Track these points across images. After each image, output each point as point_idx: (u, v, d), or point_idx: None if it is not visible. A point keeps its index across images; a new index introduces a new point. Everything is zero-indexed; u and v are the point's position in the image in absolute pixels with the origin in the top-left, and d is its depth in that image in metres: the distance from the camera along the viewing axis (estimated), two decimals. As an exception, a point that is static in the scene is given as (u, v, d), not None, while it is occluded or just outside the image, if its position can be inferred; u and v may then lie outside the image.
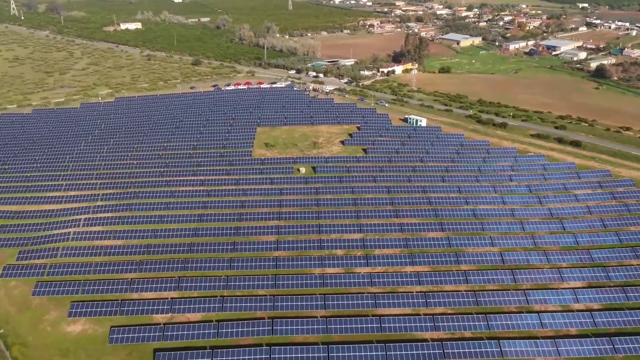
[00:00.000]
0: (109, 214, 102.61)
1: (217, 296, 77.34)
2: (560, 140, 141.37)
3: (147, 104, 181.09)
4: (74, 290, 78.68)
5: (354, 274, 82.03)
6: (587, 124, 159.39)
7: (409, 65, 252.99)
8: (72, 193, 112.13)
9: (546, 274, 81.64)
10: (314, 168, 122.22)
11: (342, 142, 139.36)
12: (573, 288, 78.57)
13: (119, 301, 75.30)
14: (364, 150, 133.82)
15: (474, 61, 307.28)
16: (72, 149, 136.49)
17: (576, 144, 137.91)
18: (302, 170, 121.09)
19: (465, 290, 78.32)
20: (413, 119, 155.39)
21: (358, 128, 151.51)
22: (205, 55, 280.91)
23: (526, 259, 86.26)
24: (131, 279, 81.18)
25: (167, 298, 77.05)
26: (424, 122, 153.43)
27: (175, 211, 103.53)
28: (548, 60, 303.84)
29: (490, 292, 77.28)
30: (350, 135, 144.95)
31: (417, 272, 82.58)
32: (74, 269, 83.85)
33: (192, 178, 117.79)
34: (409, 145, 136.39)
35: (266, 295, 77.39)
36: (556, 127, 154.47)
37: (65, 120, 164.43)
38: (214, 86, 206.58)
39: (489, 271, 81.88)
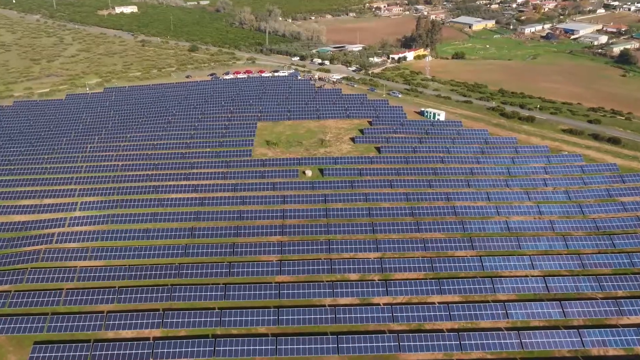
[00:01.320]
0: (88, 227, 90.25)
1: (208, 336, 65.11)
2: (596, 137, 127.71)
3: (138, 95, 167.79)
4: (38, 328, 66.48)
5: (372, 307, 69.51)
6: (622, 118, 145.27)
7: (421, 51, 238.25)
8: (48, 201, 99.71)
9: (601, 307, 68.90)
10: (321, 171, 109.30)
11: (353, 140, 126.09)
12: (636, 326, 65.86)
13: (91, 343, 63.04)
14: (377, 149, 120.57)
15: (488, 46, 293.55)
16: (52, 148, 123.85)
17: (615, 141, 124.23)
18: (308, 173, 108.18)
19: (506, 329, 65.87)
20: (430, 112, 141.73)
21: (369, 123, 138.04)
22: (203, 41, 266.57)
23: (575, 286, 73.47)
24: (107, 312, 69.02)
25: (149, 338, 64.85)
26: (442, 116, 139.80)
27: (164, 224, 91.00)
28: (567, 44, 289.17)
29: (536, 331, 64.67)
30: (361, 131, 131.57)
31: (447, 302, 70.13)
32: (41, 299, 71.65)
33: (184, 183, 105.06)
34: (428, 143, 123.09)
35: (267, 335, 65.09)
36: (589, 121, 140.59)
37: (48, 114, 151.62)
38: (211, 75, 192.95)
39: (532, 303, 69.20)
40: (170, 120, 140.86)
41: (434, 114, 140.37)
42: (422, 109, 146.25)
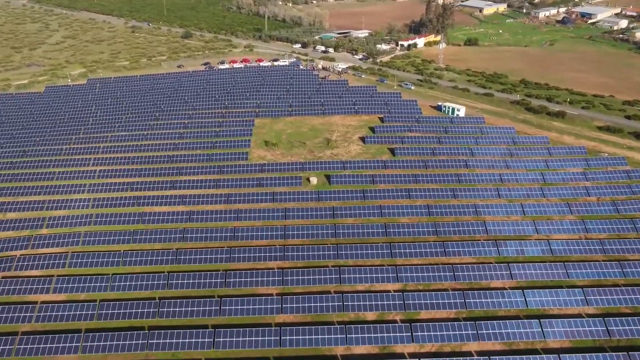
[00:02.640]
0: (54, 250, 77.25)
1: (191, 402, 52.43)
2: (638, 136, 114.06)
3: (124, 88, 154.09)
4: (-20, 389, 53.79)
5: (394, 358, 56.71)
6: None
7: (432, 37, 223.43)
8: (11, 216, 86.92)
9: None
10: (328, 177, 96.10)
11: (363, 139, 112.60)
12: None
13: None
14: (391, 150, 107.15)
15: (501, 31, 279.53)
16: (22, 150, 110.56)
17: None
18: (314, 180, 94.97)
19: (565, 391, 53.05)
20: (448, 107, 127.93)
21: (381, 119, 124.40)
22: (197, 27, 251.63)
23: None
24: (69, 366, 56.30)
25: (117, 405, 52.14)
26: (462, 111, 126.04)
27: (144, 245, 78.06)
28: (585, 29, 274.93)
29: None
30: (372, 129, 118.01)
31: (487, 353, 57.47)
32: (-12, 347, 58.83)
33: (170, 194, 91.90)
34: (448, 143, 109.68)
35: (266, 400, 52.38)
36: (627, 117, 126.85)
37: (24, 109, 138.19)
38: (205, 64, 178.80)
39: (592, 354, 56.34)
40: (157, 117, 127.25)
41: (453, 109, 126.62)
42: (439, 104, 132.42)
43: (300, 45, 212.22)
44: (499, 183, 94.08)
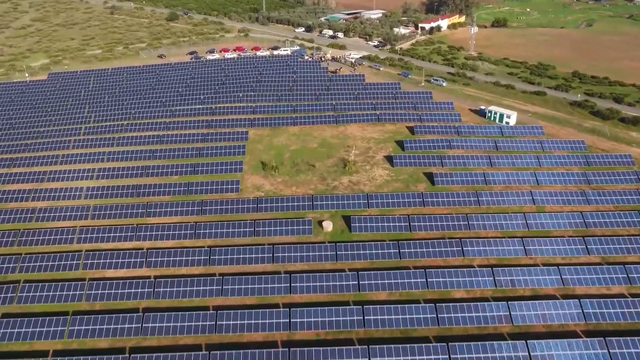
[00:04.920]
0: None
1: None
2: None
3: (90, 85, 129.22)
4: None
5: None
6: None
7: (455, 18, 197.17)
8: None
9: None
10: (347, 219, 72.02)
11: (389, 159, 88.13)
12: None
13: None
14: (429, 176, 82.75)
15: (528, 9, 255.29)
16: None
17: None
18: (328, 227, 70.87)
19: None
20: (495, 113, 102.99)
21: (410, 130, 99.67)
22: (186, 7, 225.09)
23: None
24: None
25: None
26: (513, 119, 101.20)
27: (83, 341, 54.14)
28: (622, 7, 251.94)
29: None
30: (400, 144, 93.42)
31: None
32: None
33: (129, 248, 67.79)
34: (503, 167, 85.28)
35: None
36: None
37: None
38: (191, 54, 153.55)
39: None
40: (124, 127, 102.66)
41: (501, 116, 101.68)
42: (482, 107, 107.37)
43: (303, 29, 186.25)
44: (584, 232, 69.77)
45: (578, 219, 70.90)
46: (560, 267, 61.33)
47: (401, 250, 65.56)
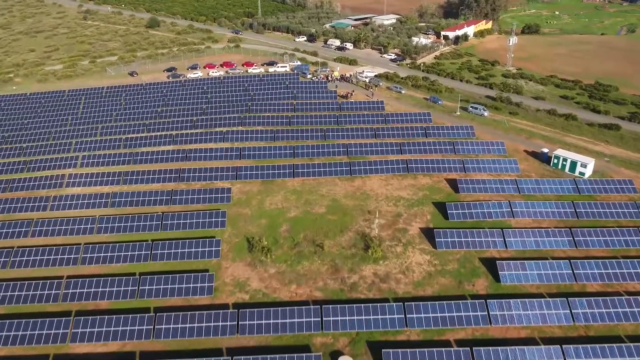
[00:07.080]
0: None
1: None
2: None
3: (35, 115, 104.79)
4: None
5: None
6: None
7: (482, 24, 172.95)
8: None
9: None
10: (377, 352, 47.07)
11: (430, 236, 63.16)
12: None
13: None
14: (488, 264, 57.91)
15: (557, 12, 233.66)
16: None
17: None
18: (347, 369, 46.19)
19: None
20: (564, 160, 78.02)
21: (452, 185, 74.61)
22: (170, 12, 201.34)
23: None
24: None
25: None
26: (589, 168, 76.35)
27: None
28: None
29: None
30: (442, 210, 68.41)
31: None
32: None
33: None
34: (587, 249, 60.39)
35: None
36: None
37: None
38: (168, 70, 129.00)
39: None
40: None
41: (573, 164, 76.80)
42: (544, 150, 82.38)
43: (305, 37, 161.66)
44: None
45: None
46: None
47: None
